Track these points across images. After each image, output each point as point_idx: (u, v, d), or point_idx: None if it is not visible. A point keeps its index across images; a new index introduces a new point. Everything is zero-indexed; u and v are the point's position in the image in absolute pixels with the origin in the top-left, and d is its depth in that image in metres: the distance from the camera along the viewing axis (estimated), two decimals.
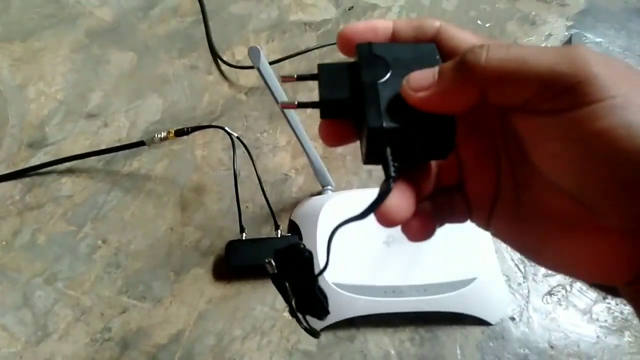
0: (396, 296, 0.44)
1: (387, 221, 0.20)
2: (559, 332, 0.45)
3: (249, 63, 0.65)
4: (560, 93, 0.16)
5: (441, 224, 0.23)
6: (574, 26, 0.70)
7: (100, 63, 0.67)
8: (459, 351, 0.45)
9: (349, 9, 0.72)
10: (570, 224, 0.19)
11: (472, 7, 0.72)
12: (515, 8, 0.72)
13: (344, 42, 0.22)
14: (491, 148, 0.22)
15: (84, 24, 0.71)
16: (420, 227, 0.22)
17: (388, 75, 0.20)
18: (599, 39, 0.68)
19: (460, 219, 0.23)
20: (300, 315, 0.30)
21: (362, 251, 0.46)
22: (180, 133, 0.51)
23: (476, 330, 0.46)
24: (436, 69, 0.19)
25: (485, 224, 0.23)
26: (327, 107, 0.21)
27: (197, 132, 0.54)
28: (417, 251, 0.46)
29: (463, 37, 0.21)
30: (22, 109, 0.62)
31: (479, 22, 0.70)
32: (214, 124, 0.58)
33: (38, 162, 0.56)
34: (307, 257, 0.27)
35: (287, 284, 0.28)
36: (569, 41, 0.67)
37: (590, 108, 0.16)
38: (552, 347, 0.45)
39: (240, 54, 0.67)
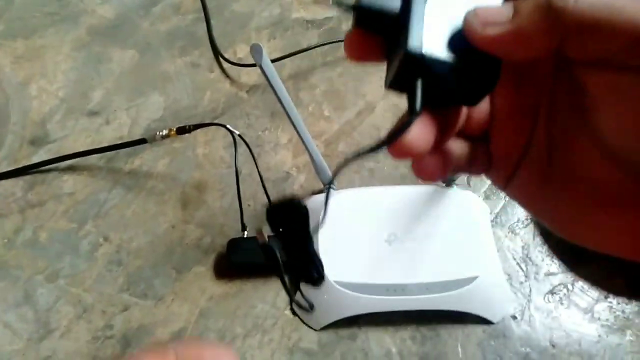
0: (397, 294, 0.44)
1: (401, 151, 0.18)
2: (561, 330, 0.45)
3: (250, 61, 0.64)
4: None
5: (454, 172, 0.21)
6: None
7: (101, 61, 0.67)
8: (460, 350, 0.45)
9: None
10: (613, 196, 0.18)
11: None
12: None
13: None
14: (531, 101, 0.20)
15: (86, 21, 0.71)
16: (433, 167, 0.20)
17: None
18: None
19: (477, 171, 0.22)
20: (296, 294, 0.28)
21: (363, 249, 0.46)
22: (181, 131, 0.51)
23: (478, 328, 0.46)
24: (511, 4, 0.16)
25: (503, 183, 0.21)
26: (364, 15, 0.19)
27: (198, 130, 0.54)
28: (418, 249, 0.46)
29: None
30: (24, 107, 0.62)
31: None
32: (215, 121, 0.58)
33: (40, 160, 0.56)
34: (304, 213, 0.25)
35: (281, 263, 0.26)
36: None
37: None
38: (553, 345, 0.45)
39: (242, 52, 0.67)
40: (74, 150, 0.56)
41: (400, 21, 0.17)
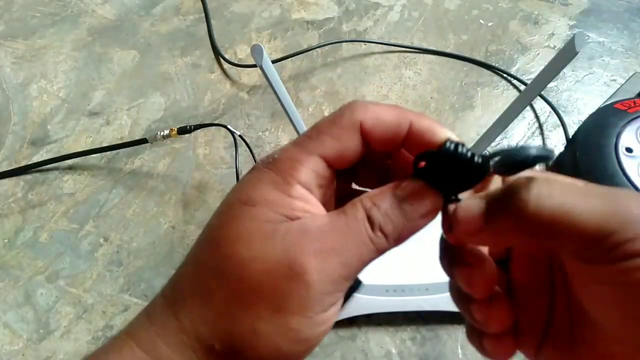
0: (397, 295, 0.44)
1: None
2: None
3: (251, 61, 0.65)
4: (608, 249, 0.16)
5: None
6: (576, 25, 0.69)
7: (102, 61, 0.67)
8: (460, 350, 0.45)
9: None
10: None
11: (474, 6, 0.72)
12: (518, 7, 0.72)
13: None
14: (544, 278, 0.21)
15: (87, 22, 0.71)
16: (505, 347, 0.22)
17: None
18: (601, 39, 0.68)
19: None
20: None
21: None
22: (182, 131, 0.51)
23: None
24: (482, 200, 0.18)
25: (533, 354, 0.22)
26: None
27: (199, 131, 0.54)
28: (419, 250, 0.46)
29: None
30: (24, 107, 0.62)
31: (481, 21, 0.70)
32: (216, 122, 0.58)
33: (40, 160, 0.56)
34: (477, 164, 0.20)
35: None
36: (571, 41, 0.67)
37: (638, 260, 0.16)
38: None
39: (242, 53, 0.67)
40: (74, 151, 0.56)
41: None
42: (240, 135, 0.51)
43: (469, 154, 0.19)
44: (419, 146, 0.20)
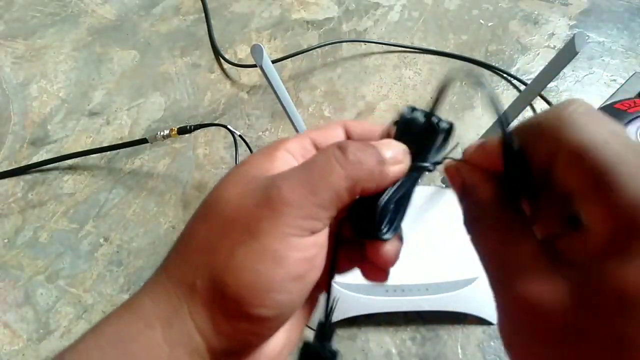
0: (397, 295, 0.44)
1: None
2: None
3: (251, 62, 0.65)
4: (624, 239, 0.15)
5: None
6: (576, 25, 0.69)
7: (102, 61, 0.67)
8: (460, 350, 0.45)
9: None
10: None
11: (474, 6, 0.72)
12: (518, 7, 0.72)
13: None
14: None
15: (87, 22, 0.71)
16: None
17: None
18: (601, 39, 0.68)
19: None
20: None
21: None
22: (182, 131, 0.51)
23: (477, 329, 0.46)
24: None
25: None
26: None
27: (199, 131, 0.54)
28: (418, 250, 0.46)
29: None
30: (24, 107, 0.62)
31: (481, 21, 0.70)
32: (216, 122, 0.58)
33: (40, 160, 0.56)
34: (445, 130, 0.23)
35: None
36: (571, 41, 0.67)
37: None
38: None
39: (242, 53, 0.67)
40: (74, 151, 0.56)
41: None
42: (240, 135, 0.51)
43: (421, 115, 0.22)
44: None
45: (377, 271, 0.23)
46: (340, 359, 0.21)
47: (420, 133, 0.22)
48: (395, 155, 0.21)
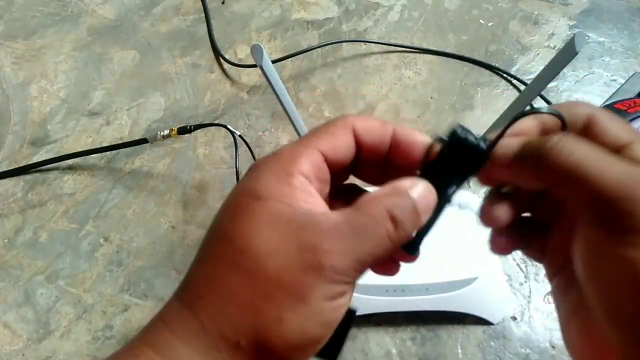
0: (397, 295, 0.44)
1: (490, 222, 0.22)
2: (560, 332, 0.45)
3: (251, 62, 0.65)
4: (616, 218, 0.17)
5: (517, 249, 0.24)
6: (576, 25, 0.69)
7: (102, 61, 0.67)
8: (460, 350, 0.45)
9: None
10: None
11: (474, 6, 0.72)
12: (518, 7, 0.72)
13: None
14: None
15: (87, 22, 0.71)
16: (505, 244, 0.23)
17: None
18: (601, 39, 0.68)
19: (533, 256, 0.24)
20: None
21: None
22: (182, 131, 0.51)
23: (477, 329, 0.46)
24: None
25: (551, 275, 0.23)
26: None
27: (198, 131, 0.54)
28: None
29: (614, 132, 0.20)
30: (24, 107, 0.62)
31: (481, 21, 0.70)
32: (216, 122, 0.58)
33: (40, 160, 0.56)
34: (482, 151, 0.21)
35: None
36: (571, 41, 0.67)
37: (634, 237, 0.16)
38: (553, 346, 0.45)
39: (242, 53, 0.67)
40: (74, 151, 0.56)
41: None
42: (240, 135, 0.51)
43: (475, 138, 0.21)
44: (403, 147, 0.23)
45: (391, 266, 0.25)
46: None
47: (463, 156, 0.21)
48: (427, 208, 0.21)
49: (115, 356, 0.20)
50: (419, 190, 0.21)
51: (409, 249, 0.22)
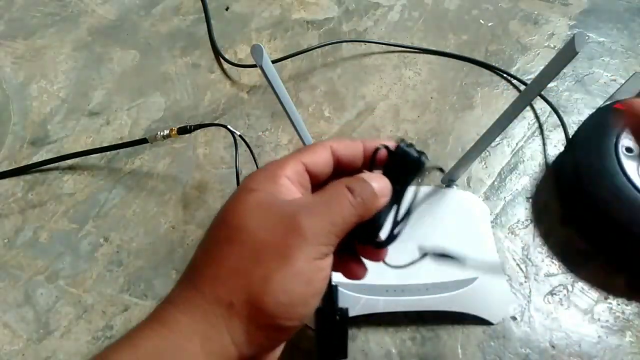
0: (397, 295, 0.44)
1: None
2: (561, 332, 0.45)
3: (251, 62, 0.65)
4: None
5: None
6: (576, 26, 0.69)
7: (102, 61, 0.67)
8: (460, 350, 0.45)
9: None
10: None
11: (474, 6, 0.72)
12: (518, 7, 0.72)
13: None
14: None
15: (87, 22, 0.71)
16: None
17: None
18: (601, 39, 0.68)
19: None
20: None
21: None
22: (182, 131, 0.51)
23: (477, 329, 0.46)
24: None
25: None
26: None
27: (198, 131, 0.54)
28: (418, 250, 0.46)
29: None
30: (24, 107, 0.62)
31: (481, 21, 0.70)
32: (216, 122, 0.58)
33: (40, 160, 0.56)
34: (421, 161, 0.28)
35: None
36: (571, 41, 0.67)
37: None
38: (553, 347, 0.45)
39: (242, 53, 0.67)
40: (74, 151, 0.56)
41: None
42: (240, 135, 0.51)
43: (415, 151, 0.27)
44: (368, 154, 0.28)
45: (357, 270, 0.30)
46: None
47: (407, 165, 0.27)
48: (383, 191, 0.26)
49: (124, 336, 0.23)
50: (375, 176, 0.26)
51: (369, 240, 0.27)
